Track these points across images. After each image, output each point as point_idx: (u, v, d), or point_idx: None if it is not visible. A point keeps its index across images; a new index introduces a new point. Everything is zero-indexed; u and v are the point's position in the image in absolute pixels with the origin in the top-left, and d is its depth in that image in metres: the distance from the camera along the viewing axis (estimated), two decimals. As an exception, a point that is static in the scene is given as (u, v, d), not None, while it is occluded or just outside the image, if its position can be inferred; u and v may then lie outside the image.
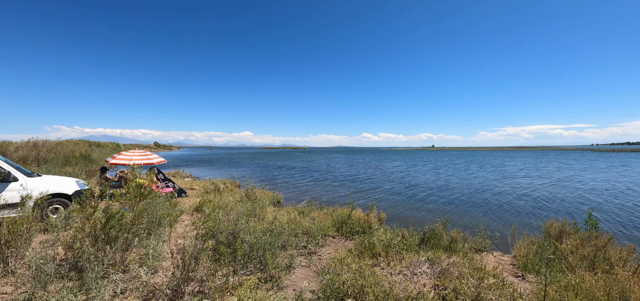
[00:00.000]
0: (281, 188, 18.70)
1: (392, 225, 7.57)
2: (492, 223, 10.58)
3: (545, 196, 16.40)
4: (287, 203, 12.52)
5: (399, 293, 3.77)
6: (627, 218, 11.36)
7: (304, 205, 10.07)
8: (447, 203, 14.58)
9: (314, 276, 4.70)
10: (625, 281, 3.83)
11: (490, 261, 5.77)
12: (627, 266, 4.80)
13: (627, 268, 4.72)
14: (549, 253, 4.55)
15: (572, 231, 6.13)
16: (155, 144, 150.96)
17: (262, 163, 45.23)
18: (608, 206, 13.54)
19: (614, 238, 5.41)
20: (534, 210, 13.05)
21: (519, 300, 3.85)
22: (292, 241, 5.91)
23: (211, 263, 4.34)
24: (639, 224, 10.43)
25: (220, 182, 15.65)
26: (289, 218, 7.45)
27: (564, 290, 3.94)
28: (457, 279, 4.29)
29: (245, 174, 28.30)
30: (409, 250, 5.54)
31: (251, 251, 4.72)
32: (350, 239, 6.93)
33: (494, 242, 6.88)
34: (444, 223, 6.66)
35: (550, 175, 26.82)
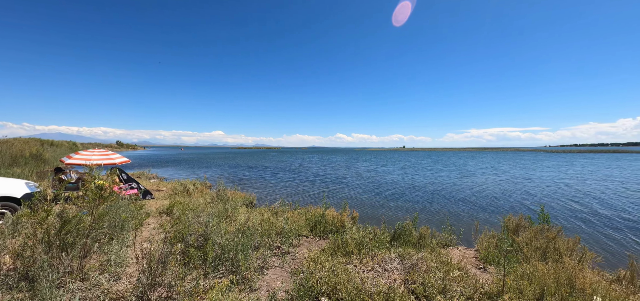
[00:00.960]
0: (254, 189, 18.40)
1: (365, 223, 7.74)
2: (458, 219, 11.18)
3: (499, 192, 17.67)
4: (260, 203, 12.34)
5: (371, 289, 3.88)
6: (571, 211, 12.54)
7: (278, 205, 9.99)
8: (415, 201, 15.18)
9: (288, 276, 4.69)
10: (572, 268, 4.24)
11: (456, 255, 6.09)
12: (573, 255, 5.30)
13: (573, 257, 5.21)
14: (507, 246, 4.90)
15: (527, 225, 6.64)
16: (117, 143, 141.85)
17: (235, 164, 44.14)
18: (555, 201, 14.89)
19: (562, 231, 5.94)
20: (492, 205, 13.99)
21: (480, 290, 4.12)
22: (266, 242, 5.84)
23: (180, 267, 4.17)
24: (581, 216, 11.56)
25: (190, 182, 15.06)
26: (262, 218, 7.36)
27: (520, 278, 4.28)
28: (426, 273, 4.48)
29: (217, 175, 27.46)
30: (381, 247, 5.70)
31: (223, 253, 4.60)
32: (324, 238, 6.98)
33: (459, 237, 7.27)
34: (413, 220, 6.92)
35: (504, 173, 29.28)
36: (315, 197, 16.07)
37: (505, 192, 17.85)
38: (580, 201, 14.93)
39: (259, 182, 22.44)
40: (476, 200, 15.30)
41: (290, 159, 62.23)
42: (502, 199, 15.74)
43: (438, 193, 17.41)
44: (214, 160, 55.20)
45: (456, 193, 17.40)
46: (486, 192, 17.83)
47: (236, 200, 10.36)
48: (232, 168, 35.27)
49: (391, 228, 6.80)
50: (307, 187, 20.44)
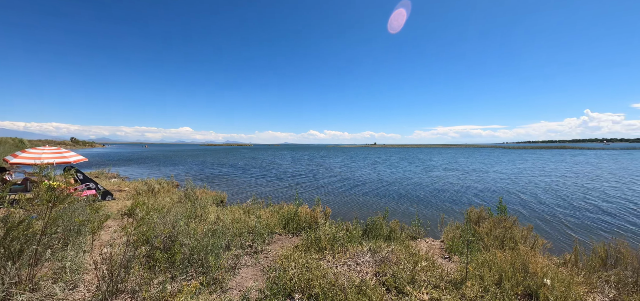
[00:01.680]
0: (225, 187, 17.89)
1: (337, 219, 7.84)
2: (425, 212, 11.69)
3: (463, 186, 18.80)
4: (231, 202, 12.03)
5: (343, 283, 3.94)
6: (523, 202, 13.65)
7: (250, 203, 9.82)
8: (386, 195, 15.65)
9: (261, 275, 4.63)
10: (526, 255, 4.62)
11: (423, 247, 6.37)
12: (527, 242, 5.77)
13: (527, 244, 5.67)
14: (469, 236, 5.22)
15: (487, 216, 7.11)
16: (72, 140, 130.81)
17: (204, 161, 42.58)
18: (509, 192, 16.13)
19: (517, 220, 6.44)
20: (456, 198, 14.82)
21: (446, 278, 4.35)
22: (237, 241, 5.72)
23: (145, 272, 3.96)
24: (531, 206, 12.62)
25: (155, 182, 14.29)
26: (233, 217, 7.19)
27: (481, 266, 4.58)
28: (396, 265, 4.65)
29: (185, 173, 26.32)
30: (353, 242, 5.81)
31: (192, 254, 4.43)
32: (297, 235, 6.98)
33: (427, 229, 7.61)
34: (384, 215, 7.13)
35: (466, 168, 31.42)
36: (288, 194, 15.98)
37: (469, 186, 19.03)
38: (530, 192, 16.30)
39: (230, 180, 21.86)
40: (441, 194, 16.13)
41: (262, 156, 61.28)
42: (465, 192, 16.74)
43: (407, 188, 18.11)
44: (181, 157, 52.80)
45: (424, 187, 18.22)
46: (451, 186, 18.88)
47: (206, 199, 10.01)
48: (202, 166, 33.99)
49: (363, 223, 6.96)
50: (279, 184, 20.28)
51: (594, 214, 11.33)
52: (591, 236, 8.69)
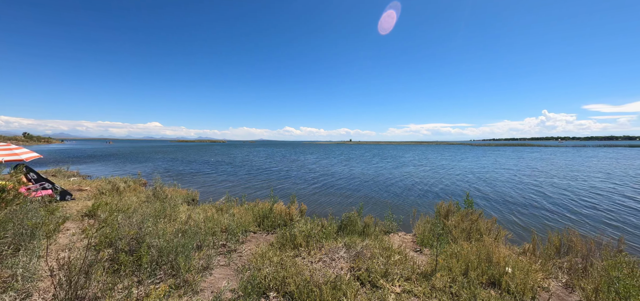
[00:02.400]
0: (197, 185, 17.30)
1: (313, 215, 7.85)
2: (398, 207, 12.05)
3: (433, 181, 19.63)
4: (203, 200, 11.65)
5: (318, 279, 3.96)
6: (486, 195, 14.50)
7: (223, 201, 9.56)
8: (361, 191, 15.93)
9: (234, 275, 4.53)
10: (490, 245, 4.90)
11: (396, 241, 6.56)
12: (491, 234, 6.12)
13: (491, 235, 6.03)
14: (439, 229, 5.44)
15: (455, 210, 7.46)
16: (25, 136, 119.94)
17: (175, 158, 40.83)
18: (476, 187, 17.08)
19: (482, 214, 6.82)
20: (424, 192, 15.43)
21: (417, 271, 4.51)
22: (210, 240, 5.55)
23: (108, 276, 3.72)
24: (494, 199, 13.45)
25: (120, 180, 13.48)
26: (205, 216, 6.96)
27: (450, 257, 4.79)
28: (370, 259, 4.75)
29: (153, 170, 25.09)
30: (328, 238, 5.85)
31: (160, 256, 4.23)
32: (272, 233, 6.91)
33: (399, 224, 7.84)
34: (358, 210, 7.25)
35: (432, 164, 33.26)
36: (262, 191, 15.77)
37: (438, 181, 19.92)
38: (492, 186, 17.37)
39: (203, 178, 21.15)
40: (413, 189, 16.72)
41: (236, 153, 59.91)
42: (434, 187, 17.46)
43: (380, 184, 18.56)
44: (149, 154, 50.20)
45: (396, 183, 18.78)
46: (421, 181, 19.64)
47: (176, 197, 9.62)
48: (172, 163, 32.57)
49: (338, 219, 7.02)
50: (254, 181, 19.94)
51: (545, 205, 12.28)
52: (547, 225, 9.42)
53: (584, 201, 13.19)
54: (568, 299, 4.10)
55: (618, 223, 9.80)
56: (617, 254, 4.79)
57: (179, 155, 49.35)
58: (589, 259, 4.75)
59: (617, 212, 11.27)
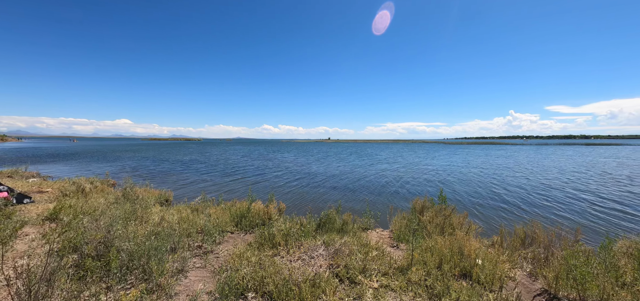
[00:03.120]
0: (170, 185, 16.66)
1: (292, 214, 7.83)
2: (376, 204, 12.30)
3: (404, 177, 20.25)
4: (178, 201, 11.24)
5: (298, 277, 3.95)
6: (458, 190, 15.18)
7: (199, 201, 9.28)
8: (339, 189, 16.08)
9: (211, 277, 4.41)
10: (462, 239, 5.12)
11: (374, 237, 6.69)
12: (462, 228, 6.40)
13: (463, 229, 6.30)
14: (414, 225, 5.62)
15: (430, 206, 7.72)
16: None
17: (146, 157, 39.01)
18: (445, 183, 17.83)
19: (455, 209, 7.11)
20: (401, 189, 15.88)
21: (394, 266, 4.63)
22: (185, 242, 5.37)
23: (73, 283, 3.50)
24: (465, 195, 14.10)
25: (86, 181, 12.69)
26: (180, 217, 6.73)
27: (424, 252, 4.96)
28: (348, 256, 4.80)
29: (123, 170, 23.85)
30: (307, 236, 5.85)
31: (131, 260, 4.04)
32: (250, 232, 6.80)
33: (377, 220, 8.00)
34: (337, 208, 7.31)
35: (407, 161, 34.55)
36: (240, 191, 15.48)
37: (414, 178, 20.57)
38: (463, 181, 18.21)
39: (177, 177, 20.38)
40: (389, 185, 17.13)
41: (213, 151, 58.31)
42: (410, 183, 18.01)
43: (358, 181, 18.85)
44: (119, 153, 47.56)
45: (374, 180, 19.16)
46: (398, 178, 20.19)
47: (148, 198, 9.20)
48: (143, 162, 31.11)
49: (317, 217, 7.04)
50: (231, 180, 19.52)
51: (510, 199, 13.05)
52: (512, 218, 10.01)
53: (540, 194, 14.16)
54: (532, 287, 4.38)
55: (570, 214, 10.62)
56: (574, 244, 5.18)
57: (151, 153, 47.22)
58: (550, 249, 5.10)
59: (569, 203, 12.20)
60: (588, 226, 9.20)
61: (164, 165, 28.24)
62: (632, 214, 10.68)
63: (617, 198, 13.26)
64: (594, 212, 10.94)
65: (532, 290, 4.30)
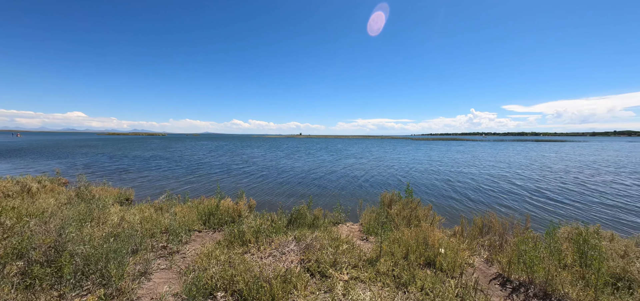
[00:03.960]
0: (131, 183, 15.67)
1: (262, 210, 7.74)
2: (347, 198, 12.52)
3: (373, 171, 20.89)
4: (140, 199, 10.60)
5: (269, 274, 3.93)
6: (424, 184, 15.96)
7: (163, 199, 8.84)
8: (310, 184, 16.15)
9: (177, 278, 4.24)
10: (426, 230, 5.39)
11: (344, 231, 6.83)
12: (427, 220, 6.74)
13: (428, 221, 6.63)
14: (383, 218, 5.81)
15: (397, 199, 8.03)
16: None
17: (104, 153, 36.19)
18: (412, 176, 18.68)
19: (420, 202, 7.46)
20: (370, 183, 16.35)
21: (363, 258, 4.76)
22: (148, 243, 5.10)
23: (19, 293, 3.18)
24: (429, 187, 14.87)
25: (33, 179, 11.52)
26: (142, 217, 6.37)
27: (392, 243, 5.16)
28: (319, 251, 4.86)
29: (77, 168, 21.96)
30: (278, 232, 5.82)
31: (87, 264, 3.76)
32: (219, 230, 6.62)
33: (347, 214, 8.15)
34: (308, 203, 7.34)
35: (375, 156, 35.83)
36: (208, 188, 14.95)
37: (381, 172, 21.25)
38: (427, 175, 19.19)
39: (138, 174, 19.18)
40: (359, 180, 17.54)
41: (178, 147, 55.63)
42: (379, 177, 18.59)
43: (329, 176, 19.06)
44: (71, 149, 43.63)
45: (344, 175, 19.48)
46: (368, 173, 20.73)
47: (106, 198, 8.58)
48: (100, 159, 28.84)
49: (288, 213, 7.03)
50: (198, 177, 18.77)
51: (468, 192, 13.99)
52: (471, 208, 10.72)
53: (489, 185, 15.35)
54: (488, 271, 4.74)
55: (517, 202, 11.63)
56: (525, 231, 5.68)
57: (108, 149, 43.90)
58: (504, 237, 5.55)
59: (516, 193, 13.36)
60: (533, 214, 10.12)
61: (123, 162, 26.41)
62: (564, 203, 11.95)
63: (554, 189, 14.77)
64: (535, 202, 12.07)
65: (488, 274, 4.65)
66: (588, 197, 13.07)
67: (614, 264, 4.32)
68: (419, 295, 3.77)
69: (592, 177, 19.11)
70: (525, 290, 4.08)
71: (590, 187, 15.33)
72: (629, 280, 4.06)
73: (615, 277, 4.16)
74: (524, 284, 4.20)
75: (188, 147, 53.77)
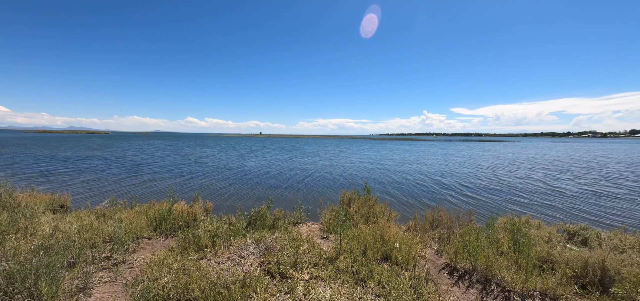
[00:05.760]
0: (68, 188, 13.99)
1: (220, 213, 7.44)
2: (307, 198, 12.58)
3: (333, 170, 21.36)
4: (78, 206, 9.51)
5: (227, 279, 3.79)
6: (380, 181, 16.71)
7: (106, 205, 8.04)
8: (270, 184, 15.93)
9: (123, 291, 3.89)
10: (383, 226, 5.64)
11: (305, 231, 6.85)
12: (384, 216, 7.05)
13: (384, 217, 6.94)
14: (342, 216, 5.95)
15: (356, 197, 8.27)
16: None
17: (31, 154, 31.69)
18: (369, 173, 19.46)
19: (378, 199, 7.78)
20: (330, 182, 16.66)
21: (323, 256, 4.83)
22: (88, 254, 4.60)
23: None
24: (386, 184, 15.62)
25: (-64, 187, 9.67)
26: (80, 225, 5.72)
27: (351, 240, 5.31)
28: (280, 252, 4.82)
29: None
30: (237, 235, 5.65)
31: (11, 283, 3.27)
32: (172, 236, 6.22)
33: (308, 214, 8.20)
34: (268, 204, 7.23)
35: (337, 155, 36.67)
36: (159, 191, 13.95)
37: (342, 172, 21.75)
38: (382, 172, 20.13)
39: (77, 178, 17.16)
40: (319, 179, 17.75)
41: (123, 146, 50.97)
42: (339, 176, 19.01)
43: (290, 176, 18.99)
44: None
45: (305, 174, 19.57)
46: (331, 172, 21.06)
47: (35, 205, 7.54)
48: (26, 161, 25.24)
49: (247, 215, 6.85)
50: (147, 179, 17.40)
51: (421, 188, 14.98)
52: (426, 203, 11.47)
53: (438, 181, 16.67)
54: (438, 262, 5.11)
55: (463, 197, 12.77)
56: (469, 223, 6.22)
57: (37, 149, 38.56)
58: (452, 229, 6.03)
59: (468, 187, 14.66)
60: (476, 206, 11.17)
61: (56, 164, 23.41)
62: (494, 196, 13.42)
63: (489, 183, 16.50)
64: (477, 195, 13.35)
65: (438, 264, 5.02)
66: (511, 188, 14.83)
67: (541, 249, 4.94)
68: (377, 288, 3.93)
69: (514, 171, 21.75)
70: (469, 277, 4.48)
71: (511, 181, 17.41)
72: (552, 262, 4.68)
73: (542, 260, 4.77)
74: (469, 271, 4.61)
75: (136, 147, 49.50)
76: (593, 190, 14.98)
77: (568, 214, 10.59)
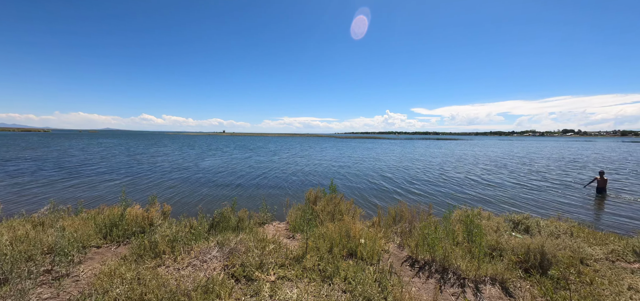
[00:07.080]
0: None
1: (180, 216, 7.05)
2: (273, 197, 12.40)
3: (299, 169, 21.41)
4: (11, 214, 8.37)
5: (187, 286, 3.60)
6: (345, 179, 17.08)
7: (46, 211, 7.18)
8: (234, 184, 15.44)
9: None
10: (349, 223, 5.75)
11: (271, 231, 6.75)
12: (350, 213, 7.19)
13: (350, 214, 7.08)
14: (309, 215, 5.96)
15: (322, 195, 8.34)
16: None
17: (-54, 157, 27.19)
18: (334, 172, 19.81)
19: (343, 196, 7.91)
20: (296, 181, 16.64)
21: (290, 256, 4.80)
22: (23, 269, 4.07)
23: None
24: (350, 181, 16.00)
25: None
26: (13, 236, 5.06)
27: (317, 239, 5.33)
28: (245, 254, 4.68)
29: None
30: (198, 239, 5.39)
31: None
32: (125, 243, 5.75)
33: (274, 214, 8.08)
34: (232, 205, 7.00)
35: (291, 150, 36.62)
36: (109, 195, 12.80)
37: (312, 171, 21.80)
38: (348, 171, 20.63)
39: (3, 181, 15.11)
40: (283, 177, 17.62)
41: (65, 145, 45.93)
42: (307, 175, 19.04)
43: (254, 175, 18.58)
44: None
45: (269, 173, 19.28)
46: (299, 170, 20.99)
47: (-48, 215, 6.50)
48: (-59, 165, 21.61)
49: (209, 217, 6.57)
50: (97, 182, 15.85)
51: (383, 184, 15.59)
52: (386, 198, 11.92)
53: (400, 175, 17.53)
54: (400, 255, 5.34)
55: (425, 192, 13.55)
56: (428, 217, 6.59)
57: (-44, 151, 33.20)
58: (413, 223, 6.33)
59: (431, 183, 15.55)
60: (434, 199, 11.89)
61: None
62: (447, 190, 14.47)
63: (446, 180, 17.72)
64: (432, 189, 14.24)
65: (400, 257, 5.25)
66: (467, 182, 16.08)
67: (490, 238, 5.40)
68: (343, 284, 4.00)
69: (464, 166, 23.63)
70: (429, 268, 4.75)
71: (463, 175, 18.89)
72: (500, 249, 5.14)
73: (492, 248, 5.21)
74: (428, 263, 4.88)
75: (82, 146, 44.79)
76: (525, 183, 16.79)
77: (503, 207, 11.72)
